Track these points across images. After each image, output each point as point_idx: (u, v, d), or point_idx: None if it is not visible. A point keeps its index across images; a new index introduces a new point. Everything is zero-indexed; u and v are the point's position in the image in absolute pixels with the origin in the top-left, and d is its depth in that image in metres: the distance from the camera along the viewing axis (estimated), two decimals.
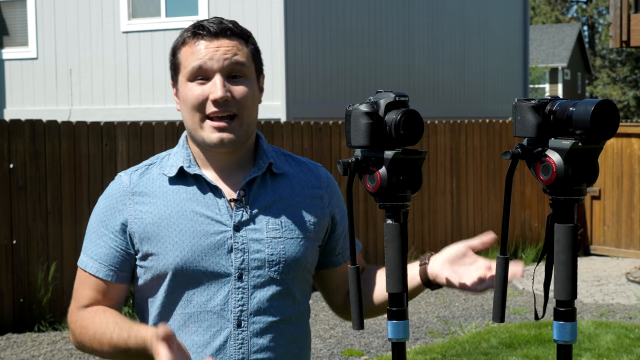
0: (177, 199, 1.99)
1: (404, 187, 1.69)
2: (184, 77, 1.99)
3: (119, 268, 2.01)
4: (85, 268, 2.02)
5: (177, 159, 2.03)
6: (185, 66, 1.98)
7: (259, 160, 2.04)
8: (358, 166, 1.70)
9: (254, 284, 1.98)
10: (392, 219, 1.70)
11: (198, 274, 1.96)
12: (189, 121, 1.99)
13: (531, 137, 1.61)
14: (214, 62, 1.95)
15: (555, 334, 1.62)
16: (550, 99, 1.62)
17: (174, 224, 1.97)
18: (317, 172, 2.12)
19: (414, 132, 1.68)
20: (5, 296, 6.93)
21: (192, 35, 1.98)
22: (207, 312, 1.97)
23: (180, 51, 2.01)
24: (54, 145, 7.15)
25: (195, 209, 1.98)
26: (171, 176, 2.01)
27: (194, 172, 2.00)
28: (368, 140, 1.68)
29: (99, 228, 2.02)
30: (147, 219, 1.98)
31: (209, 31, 1.97)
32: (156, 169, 2.04)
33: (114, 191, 2.03)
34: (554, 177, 1.57)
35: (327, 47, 12.94)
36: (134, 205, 2.00)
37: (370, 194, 1.71)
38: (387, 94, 1.71)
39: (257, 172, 2.02)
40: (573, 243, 1.59)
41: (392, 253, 1.70)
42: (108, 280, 2.01)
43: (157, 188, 2.01)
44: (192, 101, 1.96)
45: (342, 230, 2.13)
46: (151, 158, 2.09)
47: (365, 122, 1.68)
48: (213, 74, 1.96)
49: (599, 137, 1.55)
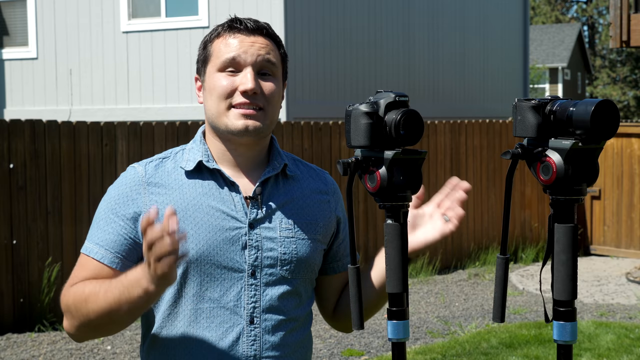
0: (194, 193, 1.99)
1: (404, 187, 1.69)
2: (213, 67, 1.99)
3: (125, 256, 1.97)
4: (89, 254, 1.97)
5: (194, 154, 2.03)
6: (218, 57, 1.99)
7: (273, 161, 2.06)
8: (358, 166, 1.71)
9: (266, 281, 1.99)
10: (392, 219, 1.70)
11: (212, 268, 1.96)
12: (213, 109, 1.98)
13: (531, 137, 1.61)
14: (248, 55, 1.97)
15: (556, 334, 1.62)
16: (550, 99, 1.62)
17: (190, 217, 1.97)
18: (325, 178, 2.15)
19: (414, 132, 1.68)
20: (5, 296, 6.93)
21: (229, 29, 2.00)
22: (220, 308, 1.97)
23: (213, 43, 2.01)
24: (54, 145, 7.15)
25: (212, 203, 1.98)
26: (189, 170, 2.01)
27: (213, 166, 2.01)
28: (368, 140, 1.68)
29: (109, 215, 1.98)
30: (162, 210, 1.95)
31: (246, 26, 2.00)
32: (171, 163, 2.04)
33: (128, 180, 2.01)
34: (554, 177, 1.57)
35: (327, 47, 12.94)
36: (149, 196, 1.98)
37: (370, 194, 1.71)
38: (387, 94, 1.71)
39: (272, 171, 2.04)
40: (573, 243, 1.60)
41: (392, 253, 1.70)
42: (112, 267, 1.95)
43: (173, 180, 2.01)
44: (220, 90, 1.97)
45: (344, 238, 2.15)
46: (164, 152, 2.09)
47: (365, 122, 1.68)
48: (245, 67, 1.97)
49: (599, 137, 1.55)
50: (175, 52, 12.67)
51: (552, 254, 1.62)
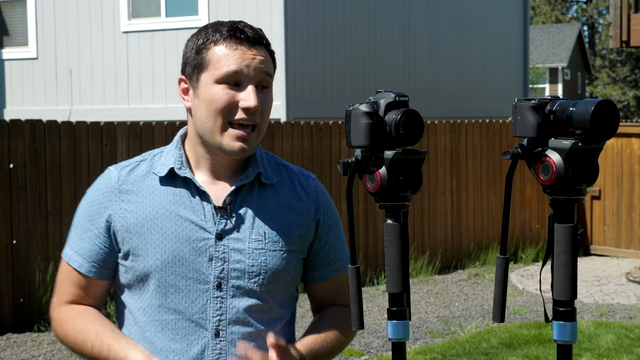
0: (164, 201, 1.97)
1: (404, 187, 1.69)
2: (211, 77, 1.92)
3: (102, 265, 2.00)
4: (69, 261, 2.03)
5: (168, 159, 2.00)
6: (218, 68, 1.91)
7: (248, 169, 2.01)
8: (358, 166, 1.70)
9: (233, 294, 1.95)
10: (392, 219, 1.70)
11: (177, 279, 1.94)
12: (208, 123, 1.93)
13: (531, 137, 1.61)
14: (251, 70, 1.92)
15: (555, 334, 1.62)
16: (550, 99, 1.62)
17: (158, 226, 1.94)
18: (307, 184, 2.08)
19: (414, 132, 1.68)
20: (5, 296, 6.93)
21: (230, 38, 1.92)
22: (185, 320, 1.94)
23: (211, 50, 1.93)
24: (54, 145, 7.15)
25: (181, 212, 1.95)
26: (161, 176, 1.98)
27: (184, 174, 1.97)
28: (368, 140, 1.68)
29: (85, 222, 2.03)
30: (131, 218, 1.96)
31: (247, 37, 1.93)
32: (146, 166, 2.01)
33: (102, 186, 2.03)
34: (554, 177, 1.57)
35: (327, 47, 12.94)
36: (120, 203, 1.98)
37: (370, 194, 1.71)
38: (387, 94, 1.71)
39: (245, 180, 1.99)
40: (573, 243, 1.60)
41: (392, 253, 1.70)
42: (90, 277, 2.01)
43: (144, 187, 1.98)
44: (220, 104, 1.91)
45: (327, 243, 2.09)
46: (144, 154, 2.06)
47: (365, 122, 1.68)
48: (247, 82, 1.92)
49: (599, 137, 1.55)
50: (176, 52, 12.66)
51: (552, 254, 1.62)
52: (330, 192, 8.96)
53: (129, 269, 1.97)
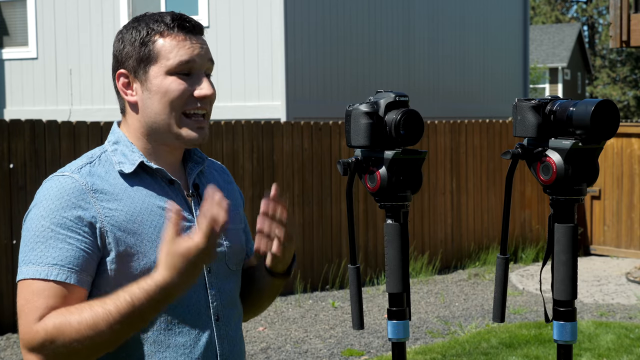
0: (140, 195, 1.91)
1: (404, 187, 1.69)
2: (162, 68, 1.89)
3: (84, 270, 1.82)
4: (47, 277, 1.81)
5: (127, 155, 1.93)
6: (169, 58, 1.88)
7: (193, 156, 2.03)
8: (358, 166, 1.70)
9: (220, 275, 1.97)
10: (392, 219, 1.70)
11: None
12: (163, 115, 1.90)
13: (531, 137, 1.61)
14: (201, 58, 1.92)
15: (556, 334, 1.62)
16: (550, 99, 1.62)
17: (147, 221, 1.89)
18: (223, 167, 2.16)
19: (414, 132, 1.68)
20: (5, 296, 6.93)
21: (178, 28, 1.90)
22: (189, 309, 1.91)
23: (158, 41, 1.90)
24: (54, 145, 7.15)
25: (160, 204, 1.92)
26: (129, 172, 1.91)
27: (156, 166, 1.93)
28: (368, 140, 1.68)
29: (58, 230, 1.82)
30: (119, 217, 1.86)
31: (192, 26, 1.93)
32: (102, 167, 1.92)
33: (69, 190, 1.84)
34: (554, 177, 1.57)
35: (327, 47, 12.94)
36: (100, 203, 1.85)
37: (370, 194, 1.71)
38: (387, 94, 1.71)
39: (202, 164, 2.02)
40: (573, 243, 1.60)
41: (392, 253, 1.70)
42: (71, 284, 1.81)
43: (112, 186, 1.89)
44: (174, 95, 1.89)
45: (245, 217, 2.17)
46: (81, 158, 1.94)
47: (365, 122, 1.68)
48: (197, 71, 1.91)
49: (599, 137, 1.55)
50: None
51: (552, 254, 1.62)
52: (330, 192, 8.98)
53: (128, 270, 1.86)
